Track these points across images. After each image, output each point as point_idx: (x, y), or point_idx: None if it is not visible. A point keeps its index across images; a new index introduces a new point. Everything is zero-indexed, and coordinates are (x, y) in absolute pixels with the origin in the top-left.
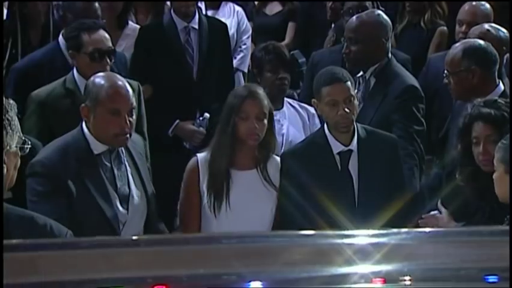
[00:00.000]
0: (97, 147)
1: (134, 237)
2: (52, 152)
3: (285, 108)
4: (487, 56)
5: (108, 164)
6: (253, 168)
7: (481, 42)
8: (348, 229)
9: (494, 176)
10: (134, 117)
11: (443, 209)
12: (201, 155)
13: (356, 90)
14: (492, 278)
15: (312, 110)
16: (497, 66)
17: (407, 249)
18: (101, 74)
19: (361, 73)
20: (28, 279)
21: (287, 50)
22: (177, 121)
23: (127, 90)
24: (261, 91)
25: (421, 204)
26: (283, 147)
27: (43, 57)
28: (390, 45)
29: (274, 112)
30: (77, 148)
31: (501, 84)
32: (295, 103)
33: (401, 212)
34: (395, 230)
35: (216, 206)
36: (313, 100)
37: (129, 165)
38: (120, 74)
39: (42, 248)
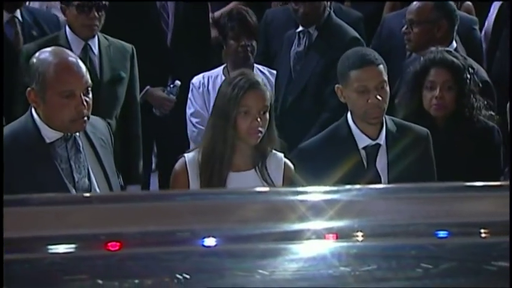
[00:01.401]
0: (49, 135)
1: (86, 195)
2: None
3: None
4: (455, 13)
5: (64, 154)
6: (251, 169)
7: None
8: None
9: None
10: (90, 95)
11: None
12: (189, 155)
13: (298, 45)
14: (442, 234)
15: None
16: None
17: (359, 206)
18: (46, 49)
19: (301, 28)
20: None
21: (253, 16)
22: (147, 87)
23: (79, 66)
24: (260, 80)
25: None
26: None
27: None
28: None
29: None
30: (26, 137)
31: (454, 42)
32: (265, 69)
33: None
34: (347, 186)
35: None
36: (337, 86)
37: (89, 154)
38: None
39: None
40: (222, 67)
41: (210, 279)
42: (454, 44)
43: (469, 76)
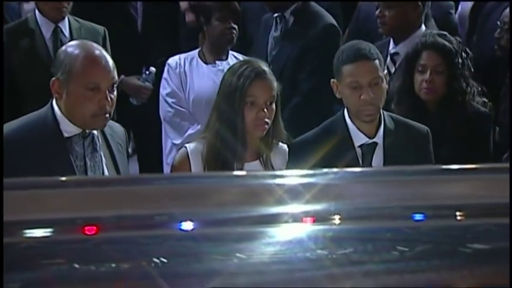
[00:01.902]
0: (68, 129)
1: (63, 178)
2: (11, 131)
3: (229, 59)
4: None
5: (80, 151)
6: (255, 160)
7: None
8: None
9: None
10: (115, 93)
11: None
12: (191, 146)
13: (275, 30)
14: (419, 216)
15: None
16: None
17: (336, 189)
18: (74, 42)
19: (277, 14)
20: None
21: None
22: (122, 76)
23: (107, 61)
24: (267, 68)
25: None
26: None
27: None
28: None
29: (218, 62)
30: (43, 128)
31: (423, 26)
32: (239, 56)
33: None
34: (324, 170)
35: None
36: (332, 81)
37: (104, 156)
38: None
39: None
40: (197, 50)
41: (187, 263)
42: (423, 27)
43: (461, 61)
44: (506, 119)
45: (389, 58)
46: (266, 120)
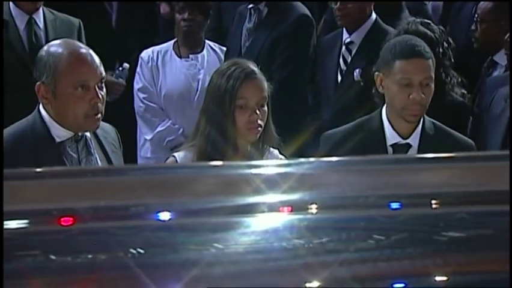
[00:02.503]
0: (60, 134)
1: (38, 169)
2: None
3: (204, 51)
4: None
5: (74, 155)
6: None
7: None
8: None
9: None
10: (104, 90)
11: None
12: (180, 155)
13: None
14: (395, 205)
15: None
16: None
17: (313, 179)
18: (55, 41)
19: (252, 4)
20: None
21: None
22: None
23: (93, 57)
24: (256, 68)
25: None
26: (198, 93)
27: None
28: None
29: (192, 56)
30: (34, 135)
31: (374, 14)
32: (216, 47)
33: None
34: (300, 159)
35: None
36: (376, 74)
37: (99, 158)
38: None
39: None
40: (172, 42)
41: (163, 254)
42: (374, 16)
43: (441, 50)
44: (480, 111)
45: (344, 47)
46: (259, 122)
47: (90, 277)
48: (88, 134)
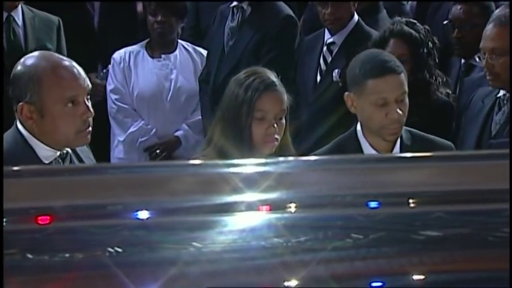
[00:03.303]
0: (47, 154)
1: (15, 168)
2: None
3: (177, 51)
4: None
5: None
6: None
7: None
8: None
9: None
10: (89, 102)
11: None
12: None
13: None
14: (373, 204)
15: (206, 53)
16: None
17: (292, 178)
18: (31, 56)
19: (235, 3)
20: None
21: None
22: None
23: (78, 68)
24: (277, 79)
25: None
26: (170, 93)
27: None
28: None
29: (164, 56)
30: (19, 160)
31: (356, 15)
32: (189, 46)
33: None
34: (280, 158)
35: None
36: (346, 94)
37: None
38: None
39: None
40: (145, 42)
41: (141, 253)
42: (356, 17)
43: (426, 50)
44: (458, 111)
45: (325, 48)
46: (276, 136)
47: (67, 276)
48: (69, 150)
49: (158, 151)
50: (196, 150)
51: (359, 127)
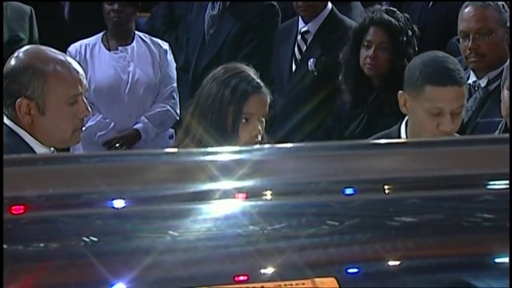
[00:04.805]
0: (41, 152)
1: None
2: None
3: (134, 43)
4: None
5: None
6: None
7: None
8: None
9: None
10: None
11: None
12: None
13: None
14: (349, 191)
15: (165, 46)
16: None
17: (268, 165)
18: (30, 49)
19: None
20: None
21: None
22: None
23: (77, 64)
24: (260, 80)
25: None
26: (128, 86)
27: None
28: None
29: (121, 48)
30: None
31: (329, 3)
32: (147, 38)
33: None
34: (256, 146)
35: None
36: (400, 93)
37: None
38: None
39: None
40: (101, 34)
41: (116, 241)
42: (329, 5)
43: (405, 39)
44: None
45: (299, 36)
46: (259, 137)
47: (42, 266)
48: (52, 148)
49: (117, 145)
50: (155, 143)
51: (403, 126)
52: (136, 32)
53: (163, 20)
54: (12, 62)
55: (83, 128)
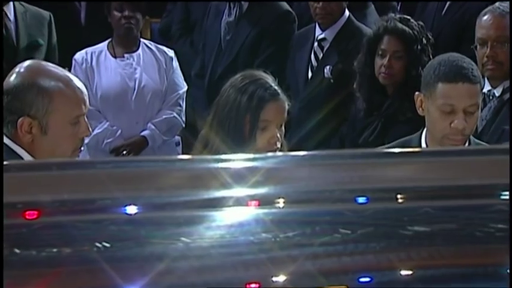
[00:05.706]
0: None
1: (5, 163)
2: None
3: (140, 51)
4: None
5: None
6: None
7: None
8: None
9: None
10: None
11: None
12: None
13: (229, 16)
14: (362, 199)
15: (170, 53)
16: None
17: (281, 173)
18: (31, 65)
19: None
20: None
21: None
22: (65, 69)
23: (81, 83)
24: (278, 86)
25: None
26: (135, 93)
27: None
28: None
29: (127, 55)
30: None
31: (347, 11)
32: (152, 45)
33: None
34: (269, 154)
35: None
36: (417, 94)
37: None
38: None
39: None
40: (107, 42)
41: (129, 248)
42: (347, 13)
43: (420, 47)
44: None
45: (316, 44)
46: (278, 144)
47: (55, 271)
48: None
49: (124, 152)
50: (162, 150)
51: (424, 132)
52: (142, 39)
53: (179, 25)
54: (15, 78)
55: (82, 148)
